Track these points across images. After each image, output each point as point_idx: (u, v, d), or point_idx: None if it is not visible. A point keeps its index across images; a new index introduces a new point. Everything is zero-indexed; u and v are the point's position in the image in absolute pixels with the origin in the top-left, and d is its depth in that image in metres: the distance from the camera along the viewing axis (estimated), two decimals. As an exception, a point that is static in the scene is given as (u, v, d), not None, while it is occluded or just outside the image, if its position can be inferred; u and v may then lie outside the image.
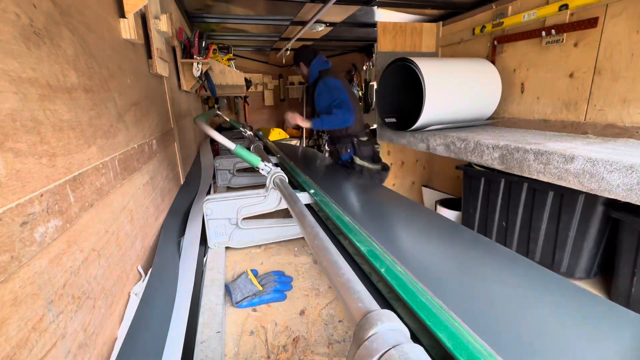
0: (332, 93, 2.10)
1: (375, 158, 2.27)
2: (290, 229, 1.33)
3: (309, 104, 5.33)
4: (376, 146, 2.32)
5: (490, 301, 0.59)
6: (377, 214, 1.14)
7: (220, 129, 4.53)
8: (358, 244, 0.81)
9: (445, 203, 2.46)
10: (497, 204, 1.81)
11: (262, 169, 1.23)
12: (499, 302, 0.59)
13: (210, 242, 1.24)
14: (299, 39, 3.40)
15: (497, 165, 1.58)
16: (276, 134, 5.00)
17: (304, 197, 1.26)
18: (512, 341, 0.49)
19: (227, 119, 2.99)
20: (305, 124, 2.12)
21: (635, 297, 1.28)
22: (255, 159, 1.24)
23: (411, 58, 1.99)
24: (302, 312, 0.94)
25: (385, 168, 2.30)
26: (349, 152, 2.24)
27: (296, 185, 1.47)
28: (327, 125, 2.14)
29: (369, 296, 0.43)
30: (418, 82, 1.95)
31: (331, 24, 3.11)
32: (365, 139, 2.24)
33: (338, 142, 2.27)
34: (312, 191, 1.25)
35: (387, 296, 0.70)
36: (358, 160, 2.22)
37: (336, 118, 2.09)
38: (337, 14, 2.73)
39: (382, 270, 0.68)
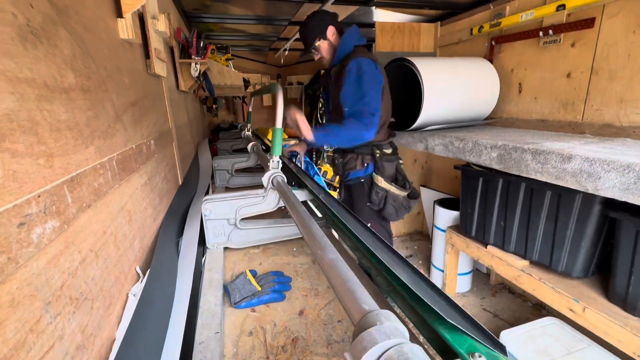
0: (364, 86, 1.43)
1: (401, 179, 1.64)
2: (289, 229, 1.33)
3: (308, 103, 5.31)
4: (400, 162, 1.68)
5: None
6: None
7: (219, 129, 4.53)
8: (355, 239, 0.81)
9: (444, 203, 2.46)
10: (495, 203, 1.82)
11: (273, 161, 1.23)
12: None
13: (208, 243, 1.24)
14: (298, 39, 3.40)
15: (495, 165, 1.59)
16: (275, 134, 4.99)
17: (301, 195, 1.26)
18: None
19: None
20: (306, 132, 1.48)
21: (632, 296, 1.29)
22: (279, 150, 1.24)
23: (409, 58, 2.00)
24: (301, 313, 0.94)
25: (414, 195, 1.66)
26: (366, 168, 1.58)
27: (294, 184, 1.47)
28: (336, 141, 1.51)
29: (368, 296, 0.43)
30: (416, 82, 1.96)
31: (329, 24, 3.11)
32: (389, 151, 1.61)
33: (351, 152, 1.63)
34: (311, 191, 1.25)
35: (385, 290, 0.70)
36: (381, 182, 1.54)
37: (350, 132, 1.45)
38: (335, 14, 2.73)
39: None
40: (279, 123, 1.19)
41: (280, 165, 1.24)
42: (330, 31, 1.57)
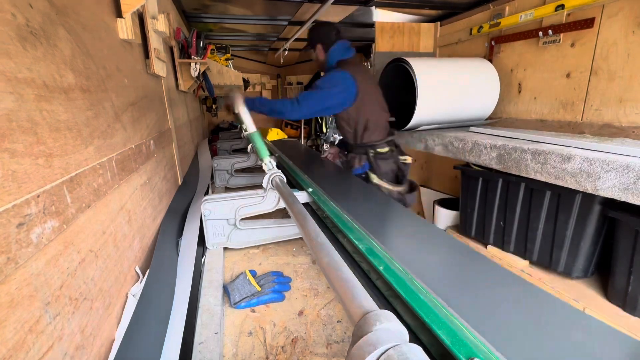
0: (318, 83, 1.68)
1: (399, 176, 1.83)
2: (288, 229, 1.33)
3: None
4: (402, 159, 1.84)
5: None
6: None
7: (218, 129, 4.53)
8: (356, 242, 0.81)
9: (444, 203, 2.46)
10: (495, 203, 1.82)
11: (266, 164, 1.23)
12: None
13: (208, 243, 1.23)
14: (297, 39, 3.40)
15: (494, 165, 1.59)
16: (274, 134, 4.99)
17: (302, 196, 1.26)
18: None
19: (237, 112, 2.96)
20: (240, 104, 1.62)
21: (631, 296, 1.29)
22: (265, 151, 1.25)
23: (406, 58, 2.00)
24: (300, 313, 0.94)
25: (412, 189, 1.83)
26: (362, 166, 1.78)
27: (294, 184, 1.47)
28: (260, 107, 1.72)
29: (367, 296, 0.43)
30: (414, 82, 1.96)
31: (329, 24, 3.11)
32: (384, 150, 1.78)
33: (350, 151, 1.86)
34: (310, 190, 1.25)
35: (385, 294, 0.70)
36: (375, 179, 1.75)
37: (275, 106, 1.72)
38: (335, 14, 2.73)
39: (381, 268, 0.68)
40: (251, 127, 1.22)
41: (275, 164, 1.24)
42: (319, 47, 1.81)
